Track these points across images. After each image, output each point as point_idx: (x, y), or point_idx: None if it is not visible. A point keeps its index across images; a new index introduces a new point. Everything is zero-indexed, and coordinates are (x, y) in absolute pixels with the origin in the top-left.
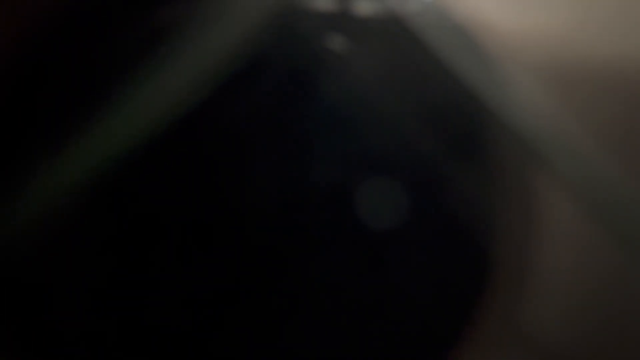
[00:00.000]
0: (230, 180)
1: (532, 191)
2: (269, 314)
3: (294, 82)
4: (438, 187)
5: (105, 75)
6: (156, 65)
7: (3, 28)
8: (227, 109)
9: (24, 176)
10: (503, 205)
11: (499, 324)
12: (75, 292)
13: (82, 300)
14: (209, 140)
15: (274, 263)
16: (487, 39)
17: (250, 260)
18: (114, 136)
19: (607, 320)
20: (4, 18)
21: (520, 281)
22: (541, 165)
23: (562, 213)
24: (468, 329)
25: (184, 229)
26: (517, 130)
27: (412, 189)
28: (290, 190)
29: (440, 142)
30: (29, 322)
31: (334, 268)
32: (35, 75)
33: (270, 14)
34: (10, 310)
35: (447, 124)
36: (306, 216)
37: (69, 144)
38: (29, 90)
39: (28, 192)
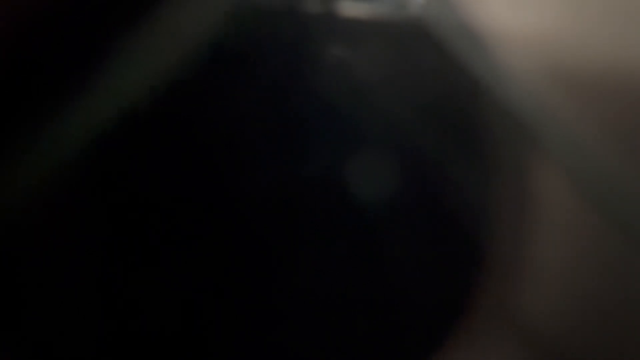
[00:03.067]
0: (223, 175)
1: (532, 181)
2: (264, 307)
3: (292, 81)
4: (439, 181)
5: (90, 54)
6: (149, 45)
7: None
8: (222, 105)
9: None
10: (502, 196)
11: (494, 314)
12: (65, 281)
13: (71, 289)
14: (199, 133)
15: (268, 256)
16: (490, 37)
17: (244, 253)
18: (100, 118)
19: (604, 310)
20: None
21: (516, 271)
22: (544, 158)
23: (560, 203)
24: (462, 319)
25: (177, 219)
26: (519, 123)
27: (411, 182)
28: (286, 184)
29: (442, 137)
30: (18, 316)
31: (328, 260)
32: (14, 60)
33: (268, 15)
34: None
35: (449, 119)
36: (301, 209)
37: (51, 127)
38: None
39: (11, 177)
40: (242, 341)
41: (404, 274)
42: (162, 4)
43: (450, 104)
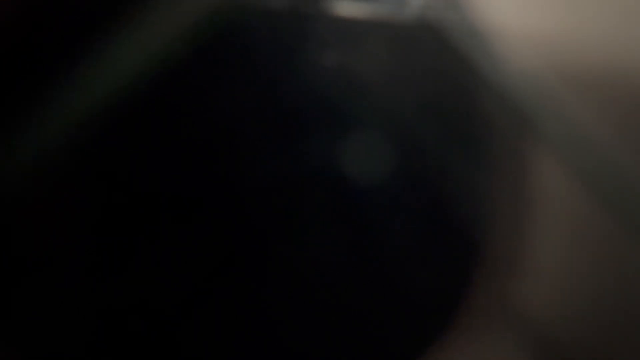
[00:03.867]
0: (221, 174)
1: (535, 178)
2: (262, 304)
3: (292, 81)
4: (440, 179)
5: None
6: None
7: None
8: (221, 104)
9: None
10: (504, 192)
11: (493, 311)
12: (59, 279)
13: (66, 287)
14: (197, 132)
15: (266, 252)
16: (492, 35)
17: (241, 250)
18: (95, 114)
19: (605, 307)
20: None
21: (517, 268)
22: (547, 155)
23: (563, 200)
24: (461, 317)
25: (174, 214)
26: (522, 120)
27: (411, 181)
28: (285, 184)
29: (444, 136)
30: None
31: (327, 259)
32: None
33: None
34: None
35: (451, 118)
36: (301, 207)
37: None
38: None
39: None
40: (240, 339)
41: (402, 271)
42: (161, 2)
43: (452, 102)
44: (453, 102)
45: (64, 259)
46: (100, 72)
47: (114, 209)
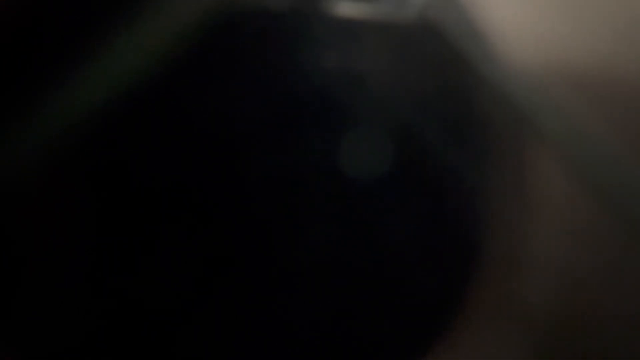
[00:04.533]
0: (220, 172)
1: (533, 175)
2: (261, 304)
3: (292, 82)
4: (439, 176)
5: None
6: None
7: None
8: (221, 104)
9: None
10: (503, 190)
11: (493, 308)
12: (58, 278)
13: (65, 286)
14: (197, 132)
15: (266, 250)
16: (491, 34)
17: (241, 248)
18: (93, 111)
19: (604, 304)
20: None
21: (516, 265)
22: (546, 153)
23: (562, 197)
24: (460, 314)
25: (173, 211)
26: (522, 119)
27: (411, 179)
28: (285, 184)
29: (444, 135)
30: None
31: (327, 256)
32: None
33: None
34: None
35: (450, 117)
36: (300, 206)
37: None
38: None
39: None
40: (240, 339)
41: (403, 270)
42: (161, 2)
43: (452, 102)
44: (453, 101)
45: (64, 258)
46: (100, 71)
47: (115, 208)
